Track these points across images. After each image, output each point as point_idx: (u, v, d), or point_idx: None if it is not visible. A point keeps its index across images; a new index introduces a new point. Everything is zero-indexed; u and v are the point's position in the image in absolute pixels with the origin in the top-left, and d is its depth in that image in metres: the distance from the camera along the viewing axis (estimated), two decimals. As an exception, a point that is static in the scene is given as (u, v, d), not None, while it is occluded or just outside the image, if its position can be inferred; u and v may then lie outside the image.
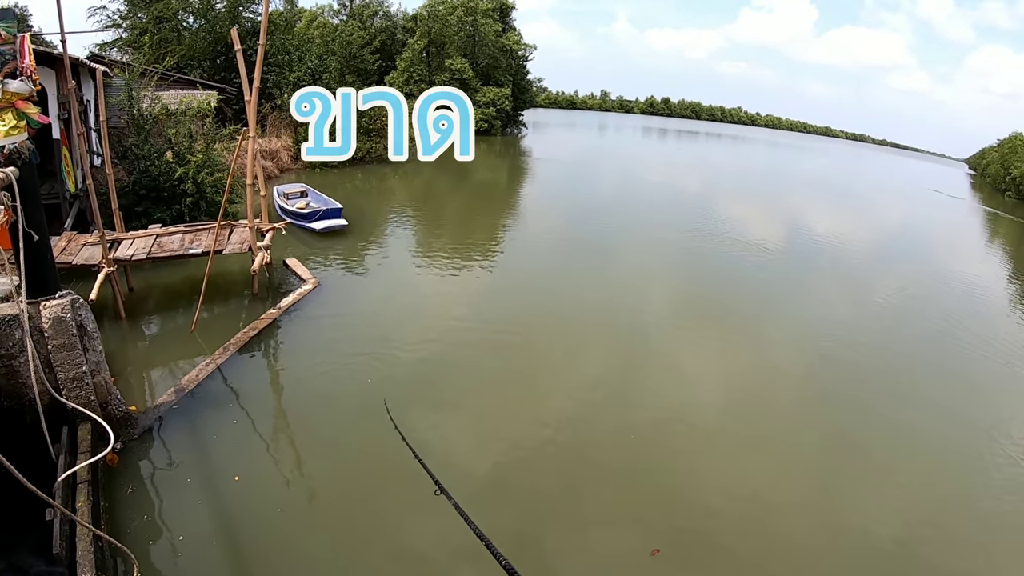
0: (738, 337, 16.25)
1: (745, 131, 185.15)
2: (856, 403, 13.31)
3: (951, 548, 9.14)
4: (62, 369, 8.30)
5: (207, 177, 18.80)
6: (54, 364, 8.27)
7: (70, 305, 8.33)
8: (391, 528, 8.05)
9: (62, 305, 8.24)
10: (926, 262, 30.41)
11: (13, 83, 7.44)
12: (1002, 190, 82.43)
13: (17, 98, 7.52)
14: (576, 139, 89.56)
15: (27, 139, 7.67)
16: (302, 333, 13.80)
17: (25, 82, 7.56)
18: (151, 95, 20.50)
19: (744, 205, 39.45)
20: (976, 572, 8.71)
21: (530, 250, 23.25)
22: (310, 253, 19.30)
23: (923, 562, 8.76)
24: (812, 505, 9.73)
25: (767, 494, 9.73)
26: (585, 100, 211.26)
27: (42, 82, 15.48)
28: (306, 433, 10.20)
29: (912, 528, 9.43)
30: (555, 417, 11.31)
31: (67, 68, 12.62)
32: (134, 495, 8.08)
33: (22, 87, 7.52)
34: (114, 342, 12.51)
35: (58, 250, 13.56)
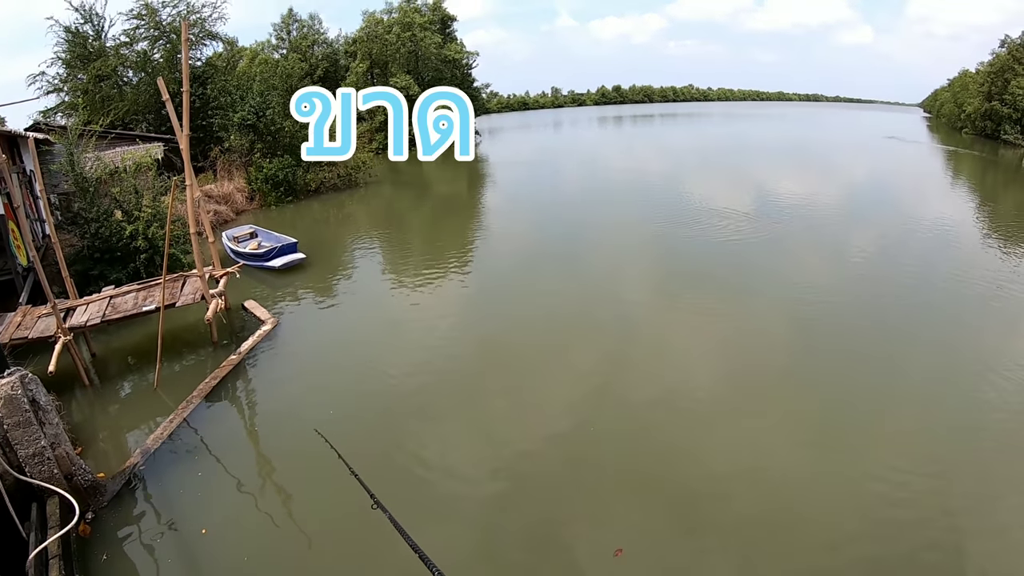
0: (721, 311, 16.46)
1: (699, 107, 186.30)
2: (846, 358, 13.57)
3: (955, 489, 9.33)
4: (21, 447, 8.30)
5: (158, 231, 18.75)
6: (12, 442, 8.26)
7: (19, 382, 8.33)
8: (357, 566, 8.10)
9: (11, 383, 8.24)
10: (894, 210, 30.79)
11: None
12: (958, 128, 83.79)
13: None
14: (532, 139, 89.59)
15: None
16: (264, 374, 13.84)
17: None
18: (92, 156, 20.41)
19: (707, 181, 39.71)
20: (982, 510, 8.89)
21: (500, 258, 23.37)
22: (271, 292, 19.30)
23: (930, 510, 8.92)
24: (813, 466, 9.90)
25: (768, 461, 9.96)
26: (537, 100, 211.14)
27: (-23, 160, 15.52)
28: (270, 476, 10.25)
29: (916, 474, 9.63)
30: (549, 416, 11.48)
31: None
32: (108, 563, 8.12)
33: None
34: (81, 410, 12.53)
35: (14, 325, 13.52)
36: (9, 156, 17.08)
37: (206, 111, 38.22)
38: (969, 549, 8.12)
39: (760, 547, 8.20)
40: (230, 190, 33.62)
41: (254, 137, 36.04)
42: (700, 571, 7.89)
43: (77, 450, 9.75)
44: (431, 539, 8.49)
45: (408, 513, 9.05)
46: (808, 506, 8.95)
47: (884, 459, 9.93)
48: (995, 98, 70.66)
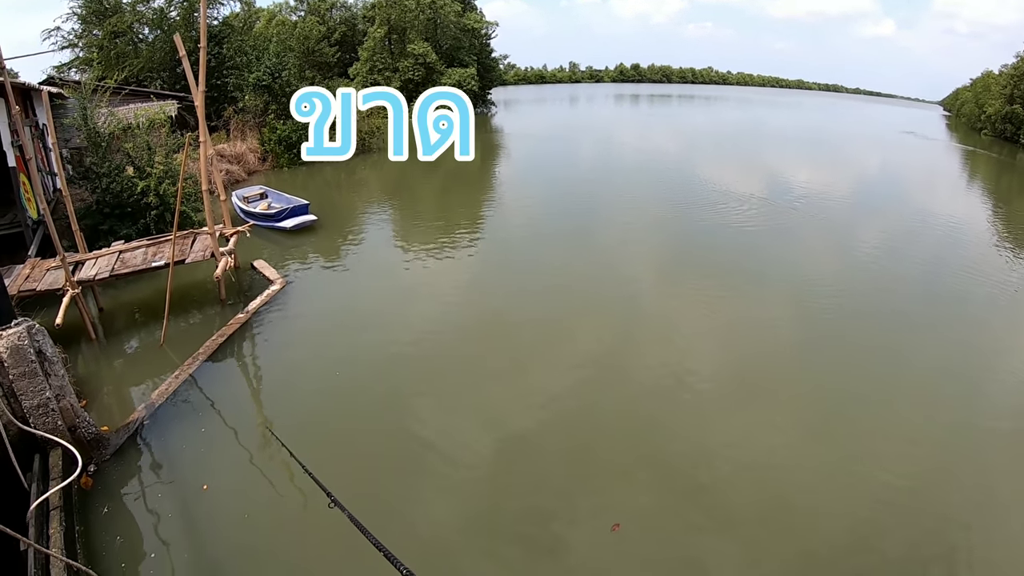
0: (729, 296, 16.35)
1: (717, 91, 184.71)
2: (852, 349, 13.51)
3: (956, 486, 9.32)
4: (25, 397, 8.27)
5: (169, 188, 18.66)
6: (17, 393, 8.24)
7: (26, 332, 8.28)
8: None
9: (18, 333, 8.19)
10: (907, 204, 30.52)
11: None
12: (978, 128, 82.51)
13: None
14: (548, 113, 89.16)
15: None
16: (271, 334, 13.81)
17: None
18: (105, 112, 20.29)
19: (721, 166, 39.34)
20: (981, 504, 8.87)
21: (511, 230, 23.17)
22: (281, 253, 19.25)
23: (928, 501, 8.95)
24: (814, 455, 9.89)
25: (769, 447, 9.95)
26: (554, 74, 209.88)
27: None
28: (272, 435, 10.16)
29: (917, 468, 9.64)
30: (553, 391, 11.45)
31: (9, 95, 12.47)
32: (109, 516, 8.12)
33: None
34: (87, 364, 12.53)
35: (22, 277, 13.50)
36: (23, 109, 16.96)
37: (221, 71, 37.98)
38: (968, 545, 8.13)
39: (755, 529, 8.21)
40: (243, 150, 33.49)
41: (269, 98, 35.87)
42: (694, 550, 7.86)
43: (82, 403, 9.73)
44: (431, 508, 8.54)
45: (408, 481, 9.10)
46: (806, 494, 8.94)
47: (885, 451, 9.93)
48: (1017, 101, 69.82)
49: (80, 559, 7.04)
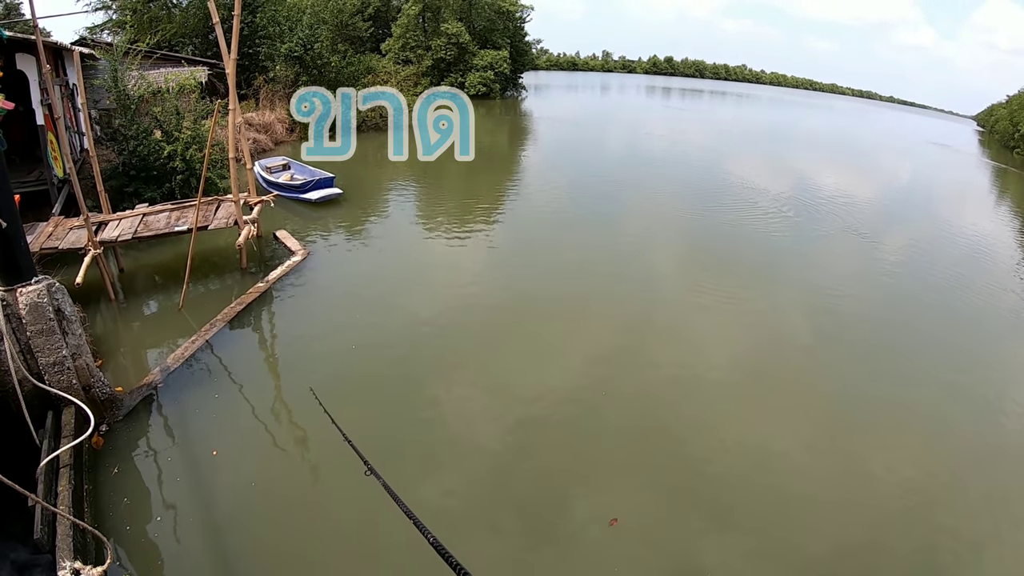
0: (747, 293, 16.20)
1: (750, 89, 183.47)
2: (866, 354, 13.37)
3: (961, 495, 9.22)
4: (42, 354, 8.27)
5: (196, 153, 18.68)
6: (34, 350, 8.24)
7: (46, 290, 8.27)
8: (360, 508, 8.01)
9: (38, 291, 8.18)
10: (933, 216, 30.05)
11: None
12: (1011, 147, 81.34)
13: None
14: (578, 100, 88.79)
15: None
16: (290, 304, 13.81)
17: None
18: (136, 74, 20.30)
19: (750, 164, 38.87)
20: (989, 514, 8.77)
21: (534, 214, 22.97)
22: (305, 224, 19.24)
23: (933, 510, 8.84)
24: (822, 454, 9.81)
25: (776, 446, 9.86)
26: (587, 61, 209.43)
27: (23, 68, 15.47)
28: (285, 405, 10.25)
29: (924, 475, 9.55)
30: (567, 377, 11.38)
31: (41, 53, 12.46)
32: (119, 476, 8.13)
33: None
34: (104, 324, 12.55)
35: (45, 235, 13.53)
36: (54, 68, 16.98)
37: (254, 39, 37.92)
38: (973, 554, 8.03)
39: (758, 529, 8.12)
40: (271, 120, 33.47)
41: (299, 69, 35.82)
42: (689, 551, 7.77)
43: (97, 362, 9.75)
44: (439, 483, 8.50)
45: (418, 455, 9.06)
46: (812, 496, 8.86)
47: (893, 458, 9.85)
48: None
49: (87, 518, 7.04)
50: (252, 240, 15.03)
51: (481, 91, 63.87)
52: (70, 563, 5.82)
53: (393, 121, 12.84)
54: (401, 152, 13.38)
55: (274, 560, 7.09)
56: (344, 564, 7.19)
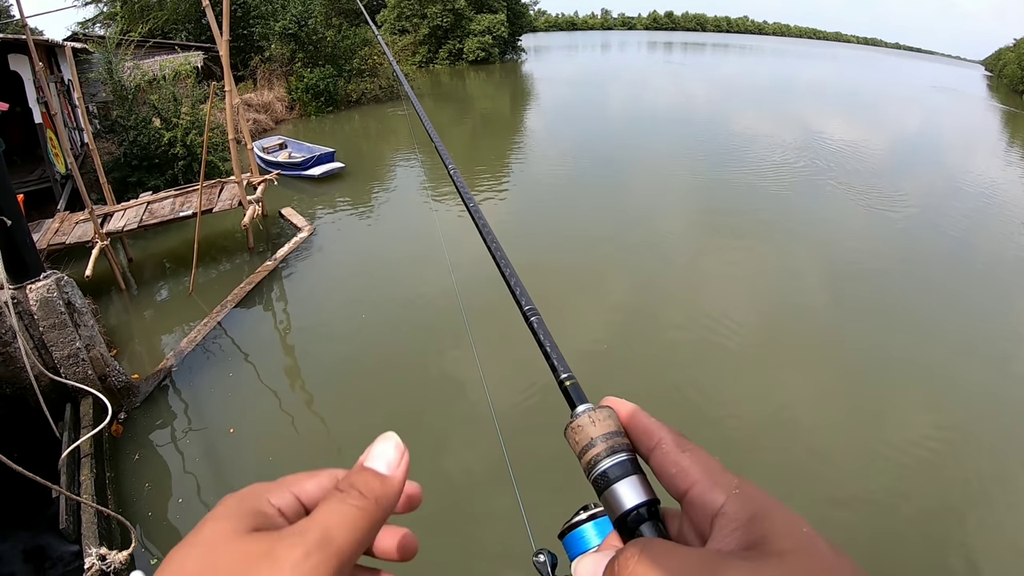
0: (757, 250, 16.04)
1: (753, 40, 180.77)
2: (879, 310, 13.19)
3: (974, 455, 9.12)
4: (56, 348, 8.38)
5: (197, 138, 18.70)
6: (48, 344, 8.35)
7: (55, 284, 8.36)
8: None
9: (47, 286, 8.27)
10: (943, 164, 29.34)
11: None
12: (1020, 91, 79.82)
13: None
14: (578, 60, 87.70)
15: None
16: (299, 281, 13.93)
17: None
18: (130, 65, 20.32)
19: (754, 118, 38.32)
20: (998, 478, 8.70)
21: (540, 179, 22.78)
22: (309, 201, 19.29)
23: (953, 466, 8.81)
24: (837, 416, 9.77)
25: (791, 406, 9.83)
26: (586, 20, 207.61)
27: (17, 69, 15.52)
28: (298, 380, 10.39)
29: (942, 431, 9.47)
30: (580, 342, 11.40)
31: (32, 52, 12.47)
32: (140, 462, 8.27)
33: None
34: (117, 314, 12.69)
35: (51, 232, 13.61)
36: (47, 66, 17.01)
37: (247, 20, 37.72)
38: (979, 517, 7.98)
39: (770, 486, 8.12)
40: (270, 99, 33.44)
41: (295, 47, 35.63)
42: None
43: (112, 352, 9.86)
44: (453, 448, 8.59)
45: (433, 422, 9.16)
46: (825, 453, 8.84)
47: (907, 414, 9.77)
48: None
49: (111, 505, 7.18)
50: (258, 220, 15.06)
51: (480, 56, 63.42)
52: (96, 549, 5.95)
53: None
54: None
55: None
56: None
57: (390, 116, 35.43)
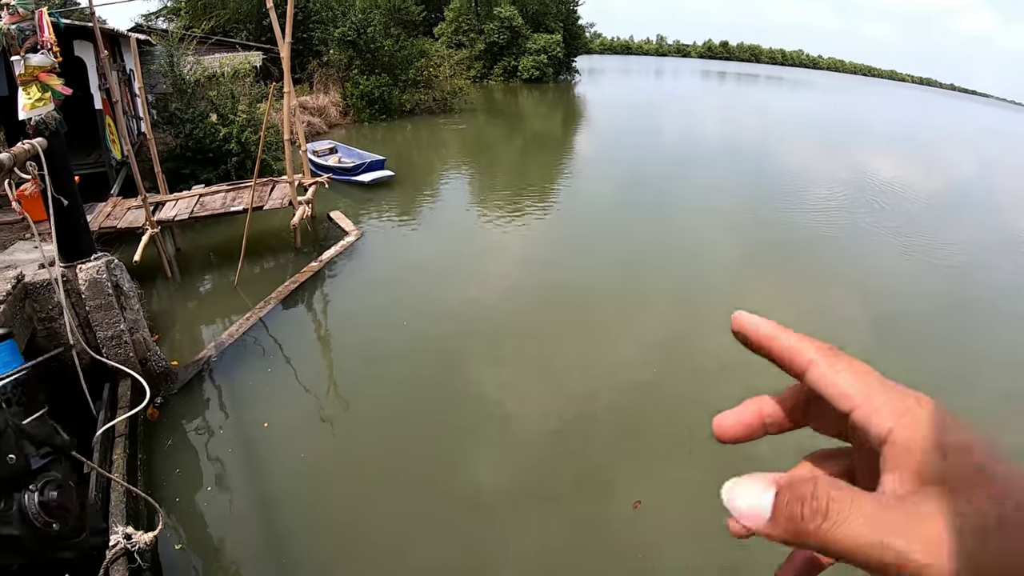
0: (802, 289, 15.69)
1: (807, 75, 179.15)
2: (918, 365, 12.87)
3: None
4: (100, 328, 8.49)
5: (251, 136, 18.95)
6: (92, 324, 8.46)
7: (105, 266, 8.47)
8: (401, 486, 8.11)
9: (97, 267, 8.39)
10: (998, 212, 28.49)
11: (34, 57, 7.53)
12: None
13: (39, 71, 7.61)
14: (631, 85, 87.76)
15: (53, 110, 7.75)
16: (343, 284, 13.96)
17: (46, 55, 7.64)
18: (192, 60, 20.67)
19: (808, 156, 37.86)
20: None
21: (587, 201, 22.68)
22: (357, 206, 19.38)
23: None
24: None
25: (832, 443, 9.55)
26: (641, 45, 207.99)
27: (81, 55, 15.83)
28: (335, 382, 10.40)
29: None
30: (617, 366, 11.22)
31: (98, 39, 12.75)
32: (172, 447, 8.33)
33: (43, 60, 7.61)
34: (160, 301, 12.88)
35: (104, 215, 13.85)
36: (111, 54, 17.35)
37: (307, 24, 38.29)
38: None
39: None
40: (325, 103, 33.85)
41: (353, 54, 36.06)
42: (712, 538, 7.63)
43: (154, 337, 9.95)
44: (478, 460, 8.54)
45: (462, 434, 9.11)
46: None
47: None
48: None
49: (140, 486, 7.20)
50: (306, 221, 15.19)
51: (534, 75, 63.79)
52: (123, 528, 5.97)
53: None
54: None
55: (322, 531, 7.18)
56: (392, 536, 7.25)
57: (442, 129, 35.66)
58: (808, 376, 0.62)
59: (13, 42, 7.49)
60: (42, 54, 7.62)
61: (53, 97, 7.80)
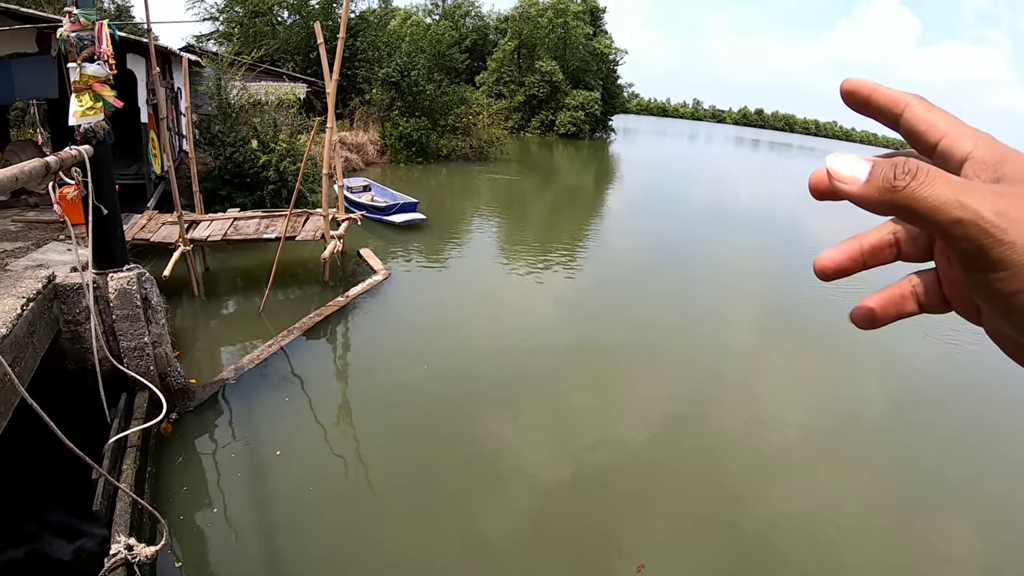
0: (824, 364, 15.53)
1: (839, 146, 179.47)
2: (942, 443, 12.64)
3: None
4: (124, 338, 8.53)
5: (290, 166, 19.18)
6: (117, 333, 8.50)
7: (136, 278, 8.54)
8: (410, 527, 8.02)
9: (128, 278, 8.46)
10: None
11: (90, 67, 7.69)
12: None
13: (94, 81, 7.76)
14: (665, 147, 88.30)
15: (103, 120, 7.88)
16: (367, 322, 13.95)
17: (102, 66, 7.79)
18: (239, 85, 21.02)
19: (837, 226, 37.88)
20: None
21: (613, 258, 22.70)
22: (387, 246, 19.46)
23: None
24: (887, 535, 9.34)
25: (839, 525, 9.38)
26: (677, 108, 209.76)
27: (132, 68, 16.13)
28: (351, 418, 10.33)
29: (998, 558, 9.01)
30: (628, 426, 11.09)
31: (152, 55, 13.02)
32: (182, 464, 8.29)
33: (99, 71, 7.76)
34: (185, 318, 12.95)
35: (138, 227, 13.99)
36: (161, 71, 17.69)
37: (353, 62, 38.95)
38: None
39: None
40: (364, 141, 34.29)
41: (395, 94, 36.62)
42: None
43: (175, 353, 9.96)
44: (484, 513, 8.43)
45: (468, 483, 9.01)
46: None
47: (966, 543, 9.29)
48: None
49: (146, 498, 7.17)
50: (336, 255, 15.28)
51: (571, 131, 64.53)
52: (125, 538, 5.91)
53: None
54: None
55: (319, 565, 7.10)
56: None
57: (477, 176, 35.97)
58: (905, 115, 0.69)
59: (72, 49, 7.65)
60: (98, 65, 7.77)
61: (104, 107, 7.93)
